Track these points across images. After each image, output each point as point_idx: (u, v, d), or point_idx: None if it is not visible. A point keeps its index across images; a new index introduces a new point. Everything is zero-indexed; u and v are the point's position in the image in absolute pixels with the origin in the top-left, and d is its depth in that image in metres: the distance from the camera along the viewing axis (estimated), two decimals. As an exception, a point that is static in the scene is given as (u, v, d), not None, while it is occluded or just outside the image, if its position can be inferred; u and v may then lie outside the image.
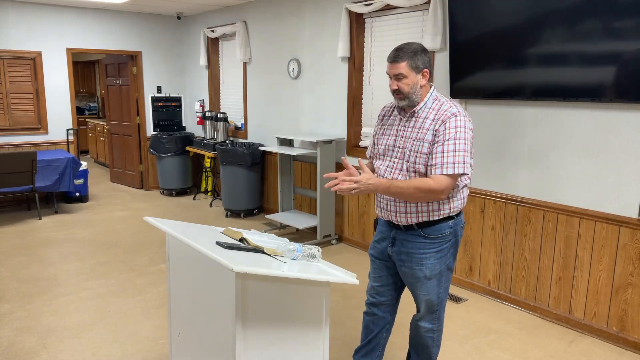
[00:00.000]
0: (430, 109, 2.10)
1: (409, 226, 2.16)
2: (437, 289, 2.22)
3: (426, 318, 2.30)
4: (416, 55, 2.06)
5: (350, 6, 4.53)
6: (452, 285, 3.99)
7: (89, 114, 11.30)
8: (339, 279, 1.78)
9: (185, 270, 2.08)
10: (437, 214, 2.12)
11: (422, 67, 2.08)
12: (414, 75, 2.07)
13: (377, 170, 2.25)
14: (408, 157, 2.10)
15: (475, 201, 3.82)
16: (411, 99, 2.10)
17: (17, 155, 5.45)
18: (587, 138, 3.15)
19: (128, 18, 7.03)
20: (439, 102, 2.11)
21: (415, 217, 2.13)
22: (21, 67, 6.33)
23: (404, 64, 2.05)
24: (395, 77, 2.08)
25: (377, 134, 2.30)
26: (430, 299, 2.23)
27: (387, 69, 2.12)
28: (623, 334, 3.08)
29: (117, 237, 5.15)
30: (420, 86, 2.10)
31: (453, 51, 3.69)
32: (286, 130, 5.67)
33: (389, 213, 2.20)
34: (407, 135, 2.14)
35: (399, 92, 2.10)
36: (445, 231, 2.15)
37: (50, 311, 3.45)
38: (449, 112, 2.04)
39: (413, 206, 2.11)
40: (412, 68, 2.06)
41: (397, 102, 2.16)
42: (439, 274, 2.19)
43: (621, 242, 3.04)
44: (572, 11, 3.01)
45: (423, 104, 2.12)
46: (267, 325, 1.76)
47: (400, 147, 2.15)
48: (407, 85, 2.07)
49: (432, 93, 2.14)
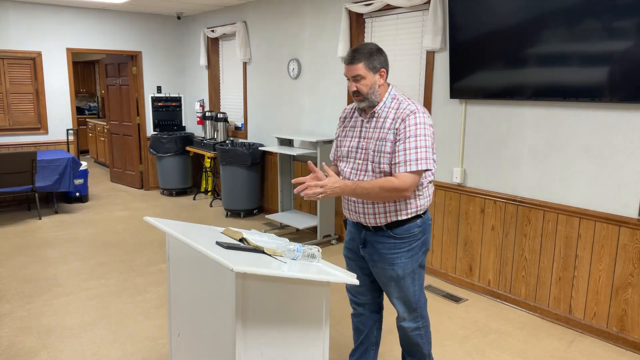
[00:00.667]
0: (389, 109, 2.13)
1: (378, 227, 2.18)
2: (412, 287, 2.24)
3: (409, 318, 2.31)
4: (372, 55, 2.09)
5: (350, 6, 4.53)
6: (452, 285, 3.99)
7: (89, 114, 11.30)
8: (339, 279, 1.78)
9: (185, 270, 2.09)
10: (405, 212, 2.13)
11: (379, 67, 2.11)
12: (372, 76, 2.09)
13: (342, 173, 2.25)
14: (372, 157, 2.12)
15: (475, 201, 3.82)
16: (370, 99, 2.12)
17: (17, 155, 5.45)
18: (587, 138, 3.15)
19: (128, 18, 7.03)
20: (397, 100, 2.14)
21: (383, 218, 2.14)
22: (21, 67, 6.33)
23: (360, 65, 2.07)
24: (354, 79, 2.10)
25: (340, 136, 2.31)
26: (406, 298, 2.25)
27: (345, 71, 2.13)
28: (623, 334, 3.08)
29: (117, 237, 5.15)
30: (379, 86, 2.12)
31: (453, 51, 3.69)
32: (286, 130, 5.67)
33: (357, 215, 2.21)
34: (369, 136, 2.15)
35: (358, 94, 2.12)
36: (414, 230, 2.17)
37: (50, 311, 3.45)
38: (407, 110, 2.07)
39: (381, 207, 2.13)
40: (369, 69, 2.08)
41: (357, 103, 2.18)
42: (411, 273, 2.21)
43: (621, 242, 3.04)
44: (572, 11, 3.01)
45: (382, 104, 2.14)
46: (267, 325, 1.76)
47: (363, 148, 2.16)
48: (366, 86, 2.09)
49: (390, 92, 2.17)
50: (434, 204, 4.12)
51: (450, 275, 4.06)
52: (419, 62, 4.20)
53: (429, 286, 3.96)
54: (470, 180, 3.85)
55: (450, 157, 3.97)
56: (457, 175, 3.90)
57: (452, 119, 3.91)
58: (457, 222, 3.96)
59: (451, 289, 3.93)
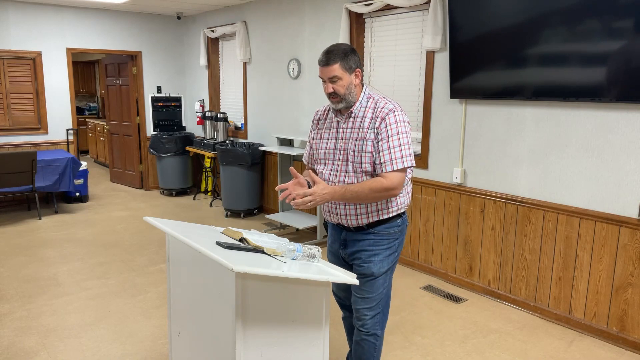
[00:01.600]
0: (367, 108, 2.12)
1: (359, 227, 2.17)
2: (381, 288, 2.21)
3: (368, 324, 2.23)
4: (347, 56, 2.06)
5: (350, 6, 4.53)
6: (452, 285, 3.99)
7: (89, 114, 11.30)
8: (339, 279, 1.78)
9: (185, 270, 2.08)
10: (387, 212, 2.14)
11: (355, 67, 2.09)
12: (348, 76, 2.08)
13: (320, 175, 2.22)
14: (353, 158, 2.10)
15: (475, 201, 3.82)
16: (347, 100, 2.11)
17: (17, 155, 5.45)
18: (587, 138, 3.15)
19: (128, 18, 7.03)
20: (373, 100, 2.12)
21: (365, 218, 2.14)
22: (21, 67, 6.33)
23: (336, 65, 2.05)
24: (330, 80, 2.08)
25: (315, 138, 2.28)
26: (374, 299, 2.20)
27: (320, 73, 2.10)
28: (623, 334, 3.08)
29: (117, 237, 5.15)
30: (355, 86, 2.11)
31: (453, 51, 3.69)
32: (286, 130, 5.67)
33: (338, 217, 2.19)
34: (347, 136, 2.14)
35: (335, 95, 2.10)
36: (394, 229, 2.18)
37: (50, 311, 3.45)
38: (386, 109, 2.06)
39: (363, 207, 2.12)
40: (345, 69, 2.06)
41: (334, 105, 2.15)
42: (384, 273, 2.20)
43: (621, 242, 3.04)
44: (572, 11, 3.01)
45: (359, 104, 2.13)
46: (267, 325, 1.76)
47: (341, 149, 2.15)
48: (343, 87, 2.08)
49: (365, 92, 2.15)
50: (433, 204, 4.12)
51: (450, 275, 4.06)
52: (419, 62, 4.20)
53: (429, 286, 3.97)
54: (470, 180, 3.85)
55: (450, 157, 3.97)
56: (457, 175, 3.90)
57: (452, 119, 3.91)
58: (457, 222, 3.96)
59: (451, 289, 3.93)
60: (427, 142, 4.12)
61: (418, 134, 4.25)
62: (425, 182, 4.16)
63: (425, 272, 4.25)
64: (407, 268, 4.37)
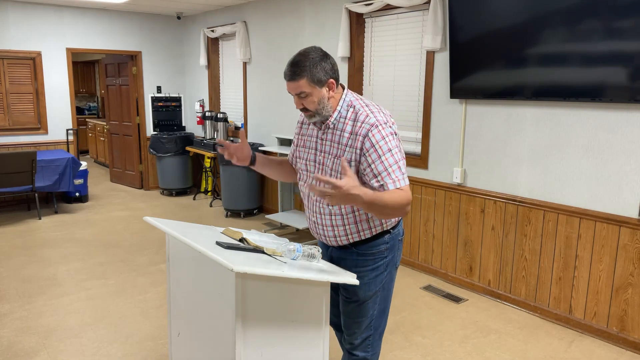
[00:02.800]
0: (346, 119, 1.86)
1: (342, 245, 2.00)
2: (371, 311, 2.01)
3: (359, 346, 2.05)
4: (315, 67, 1.78)
5: (350, 6, 4.52)
6: (452, 285, 3.99)
7: (89, 114, 11.30)
8: (339, 279, 1.78)
9: (185, 270, 2.08)
10: (368, 232, 1.94)
11: (325, 78, 1.81)
12: (318, 90, 1.81)
13: (301, 189, 2.07)
14: (329, 176, 1.89)
15: (475, 201, 3.82)
16: (321, 114, 1.87)
17: (17, 155, 5.45)
18: (587, 138, 3.15)
19: (128, 18, 7.03)
20: (353, 109, 1.86)
21: (345, 240, 1.96)
22: (21, 67, 6.33)
23: (303, 81, 1.79)
24: (298, 96, 1.83)
25: (298, 144, 2.08)
26: (362, 323, 2.02)
27: (287, 87, 1.84)
28: (623, 334, 3.08)
29: (117, 237, 5.15)
30: (328, 99, 1.85)
31: (453, 51, 3.69)
32: (286, 130, 5.67)
33: (318, 235, 2.05)
34: (325, 150, 1.93)
35: (306, 109, 1.86)
36: (381, 247, 1.97)
37: (50, 311, 3.45)
38: (367, 125, 1.79)
39: (341, 229, 1.93)
40: (314, 83, 1.79)
41: (307, 119, 1.92)
42: (373, 295, 1.99)
43: (621, 242, 3.04)
44: (572, 11, 3.01)
45: (337, 115, 1.88)
46: (267, 325, 1.76)
47: (320, 163, 1.95)
48: (313, 102, 1.83)
49: (346, 98, 1.89)
50: (433, 204, 4.12)
51: (451, 275, 4.06)
52: (419, 62, 4.20)
53: (429, 286, 3.97)
54: (470, 180, 3.85)
55: (450, 157, 3.97)
56: (457, 175, 3.90)
57: (452, 119, 3.91)
58: (457, 222, 3.96)
59: (451, 289, 3.93)
60: (427, 142, 4.12)
61: (418, 134, 4.25)
62: (425, 182, 4.16)
63: (426, 272, 4.24)
64: (407, 268, 4.37)
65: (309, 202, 2.03)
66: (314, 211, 2.01)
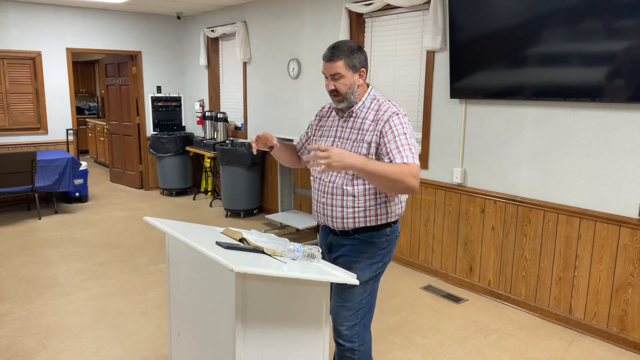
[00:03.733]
0: (369, 109, 2.03)
1: (345, 231, 2.08)
2: (360, 297, 2.07)
3: (345, 335, 2.10)
4: (353, 54, 1.98)
5: (350, 6, 4.52)
6: (452, 285, 3.99)
7: (89, 114, 11.30)
8: (339, 279, 1.78)
9: (185, 270, 2.08)
10: (374, 219, 2.03)
11: (359, 66, 2.00)
12: (351, 75, 1.99)
13: (312, 172, 2.14)
14: None
15: (475, 201, 3.82)
16: (349, 99, 2.03)
17: (17, 155, 5.45)
18: (588, 138, 3.15)
19: (128, 18, 7.03)
20: (377, 101, 2.04)
21: (352, 223, 2.04)
22: (21, 67, 6.33)
23: (340, 62, 1.97)
24: (332, 77, 1.99)
25: (315, 134, 2.21)
26: (350, 308, 2.07)
27: (323, 69, 2.02)
28: (623, 334, 3.08)
29: (117, 237, 5.15)
30: (358, 86, 2.02)
31: (453, 51, 3.69)
32: (286, 130, 5.67)
33: (325, 217, 2.11)
34: (345, 136, 2.06)
35: (336, 93, 2.01)
36: (382, 238, 2.07)
37: (50, 311, 3.45)
38: (389, 112, 1.97)
39: (350, 211, 2.02)
40: (349, 67, 1.98)
41: (335, 104, 2.07)
42: (365, 282, 2.06)
43: (621, 242, 3.04)
44: (572, 11, 3.01)
45: (361, 104, 2.05)
46: (267, 325, 1.76)
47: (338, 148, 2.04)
48: (345, 85, 1.99)
49: (370, 92, 2.07)
50: (433, 204, 4.12)
51: (451, 276, 4.06)
52: (419, 62, 4.20)
53: (429, 286, 3.96)
54: (471, 180, 3.85)
55: (450, 157, 3.97)
56: (457, 175, 3.90)
57: (452, 119, 3.91)
58: (457, 222, 3.96)
59: (451, 289, 3.93)
60: (427, 142, 4.12)
61: (418, 134, 4.24)
62: (426, 182, 4.16)
63: (426, 272, 4.24)
64: (407, 268, 4.37)
65: (320, 184, 2.11)
66: (325, 192, 2.09)
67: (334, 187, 2.04)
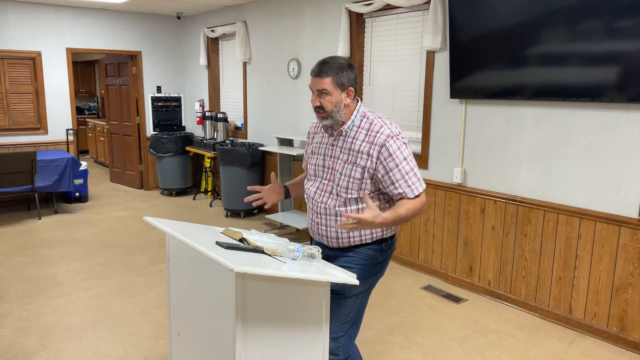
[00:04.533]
0: (359, 129, 1.98)
1: (340, 247, 2.08)
2: (349, 310, 2.06)
3: (329, 348, 2.05)
4: (342, 71, 1.93)
5: (350, 6, 4.52)
6: (452, 285, 3.99)
7: (89, 114, 11.30)
8: (339, 279, 1.78)
9: (185, 270, 2.08)
10: (369, 237, 2.02)
11: (348, 85, 1.95)
12: (339, 94, 1.94)
13: (306, 192, 2.15)
14: (338, 180, 1.99)
15: (475, 201, 3.82)
16: (334, 117, 1.97)
17: (17, 155, 5.45)
18: (588, 138, 3.15)
19: (128, 18, 7.03)
20: (367, 120, 1.98)
21: (347, 242, 2.04)
22: (21, 67, 6.33)
23: (328, 79, 1.92)
24: (319, 93, 1.94)
25: (308, 153, 2.19)
26: (337, 318, 2.05)
27: (310, 83, 1.98)
28: (623, 334, 3.08)
29: (117, 237, 5.15)
30: (345, 105, 1.97)
31: (453, 51, 3.69)
32: (286, 130, 5.67)
33: (319, 236, 2.11)
34: (336, 155, 2.02)
35: (321, 110, 1.96)
36: (377, 252, 2.06)
37: (50, 311, 3.45)
38: (383, 135, 1.92)
39: (345, 232, 2.01)
40: (336, 85, 1.93)
41: (319, 120, 2.02)
42: (356, 295, 2.05)
43: (621, 242, 3.04)
44: (573, 11, 3.01)
45: (350, 123, 1.99)
46: (267, 325, 1.76)
47: (329, 168, 2.04)
48: (331, 103, 1.94)
49: (359, 110, 2.01)
50: (434, 204, 4.12)
51: (451, 276, 4.06)
52: (419, 62, 4.20)
53: (429, 286, 3.97)
54: (471, 180, 3.85)
55: (450, 157, 3.97)
56: (457, 175, 3.90)
57: (452, 119, 3.91)
58: (457, 222, 3.96)
59: (451, 289, 3.93)
60: (427, 142, 4.12)
61: (418, 134, 4.25)
62: (426, 182, 4.14)
63: (426, 272, 4.24)
64: (407, 268, 4.37)
65: (313, 204, 2.11)
66: (318, 213, 2.08)
67: (327, 207, 2.04)
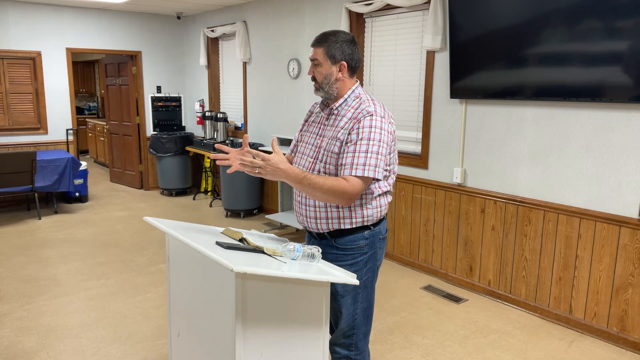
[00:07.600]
0: (349, 107, 1.93)
1: (322, 235, 2.02)
2: (352, 308, 2.01)
3: (341, 343, 2.05)
4: (337, 44, 1.88)
5: (350, 6, 4.52)
6: (452, 285, 3.99)
7: (89, 114, 11.30)
8: (339, 279, 1.77)
9: (185, 270, 2.08)
10: (349, 222, 1.94)
11: (340, 58, 1.90)
12: (329, 65, 1.90)
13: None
14: (321, 156, 1.95)
15: (475, 201, 3.82)
16: (325, 90, 1.94)
17: (17, 155, 5.45)
18: (588, 138, 3.15)
19: (128, 18, 7.03)
20: (359, 100, 1.93)
21: (325, 224, 1.97)
22: (21, 67, 6.33)
23: (320, 50, 1.90)
24: (313, 63, 1.93)
25: (302, 130, 2.15)
26: (344, 317, 2.02)
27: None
28: (623, 334, 3.08)
29: (117, 237, 5.15)
30: (336, 79, 1.92)
31: (453, 51, 3.69)
32: (286, 130, 5.67)
33: (302, 217, 2.05)
34: (325, 134, 1.98)
35: (314, 80, 1.95)
36: (360, 242, 1.97)
37: (50, 311, 3.45)
38: (364, 111, 1.86)
39: (323, 212, 1.95)
40: (327, 56, 1.89)
41: (314, 91, 1.99)
42: (352, 291, 2.00)
43: (621, 242, 3.04)
44: (572, 11, 3.01)
45: (342, 101, 1.95)
46: (267, 325, 1.76)
47: (317, 146, 1.99)
48: (320, 74, 1.92)
49: (355, 90, 1.96)
50: (433, 204, 4.12)
51: (451, 276, 4.06)
52: (419, 62, 4.20)
53: (429, 286, 3.96)
54: (471, 180, 3.85)
55: (450, 157, 3.97)
56: (457, 175, 3.90)
57: (452, 119, 3.91)
58: (457, 222, 3.96)
59: (451, 289, 3.93)
60: (427, 142, 4.12)
61: (418, 134, 4.25)
62: (426, 182, 4.16)
63: (426, 272, 4.24)
64: (407, 268, 4.37)
65: None
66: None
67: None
